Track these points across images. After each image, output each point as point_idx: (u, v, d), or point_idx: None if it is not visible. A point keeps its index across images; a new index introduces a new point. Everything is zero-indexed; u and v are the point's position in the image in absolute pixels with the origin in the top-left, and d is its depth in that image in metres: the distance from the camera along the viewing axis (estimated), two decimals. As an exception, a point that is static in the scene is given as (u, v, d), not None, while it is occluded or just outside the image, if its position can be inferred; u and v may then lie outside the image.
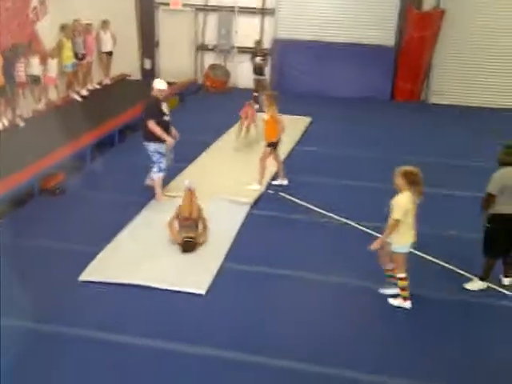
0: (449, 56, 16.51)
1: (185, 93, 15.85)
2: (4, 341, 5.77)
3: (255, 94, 14.55)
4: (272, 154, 9.97)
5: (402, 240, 6.43)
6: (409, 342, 6.19)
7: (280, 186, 9.93)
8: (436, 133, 13.60)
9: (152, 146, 8.92)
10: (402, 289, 6.65)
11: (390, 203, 6.38)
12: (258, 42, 15.65)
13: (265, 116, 9.85)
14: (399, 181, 6.35)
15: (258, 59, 14.75)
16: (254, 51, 15.08)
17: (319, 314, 6.61)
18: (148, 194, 9.23)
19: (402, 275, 6.57)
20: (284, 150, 11.71)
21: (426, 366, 5.82)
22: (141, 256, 7.60)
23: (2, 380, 5.23)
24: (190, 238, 7.69)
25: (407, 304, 6.67)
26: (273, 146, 9.86)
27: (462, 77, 16.53)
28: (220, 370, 5.66)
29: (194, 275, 7.23)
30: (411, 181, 6.30)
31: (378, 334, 6.33)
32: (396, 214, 6.27)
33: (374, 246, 6.56)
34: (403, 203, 6.26)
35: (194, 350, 5.87)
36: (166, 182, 9.45)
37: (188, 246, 7.68)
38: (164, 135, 8.84)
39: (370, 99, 16.38)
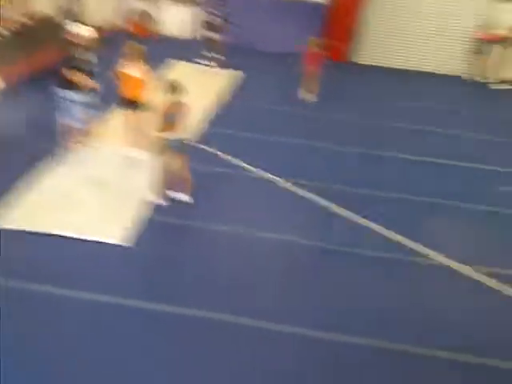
0: (378, 17, 16.58)
1: (108, 38, 15.13)
2: None
3: (209, 53, 14.13)
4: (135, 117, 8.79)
5: None
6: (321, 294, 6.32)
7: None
8: (360, 92, 13.73)
9: (64, 93, 8.48)
10: None
11: None
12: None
13: (131, 71, 8.53)
14: None
15: (213, 17, 14.03)
16: (210, 9, 14.33)
17: (242, 268, 6.65)
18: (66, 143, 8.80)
19: None
20: (213, 103, 11.60)
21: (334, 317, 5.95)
22: (57, 203, 7.40)
23: None
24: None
25: None
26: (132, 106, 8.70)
27: (391, 38, 16.72)
28: (139, 320, 5.63)
29: (113, 225, 7.06)
30: None
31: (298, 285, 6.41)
32: None
33: None
34: None
35: (115, 301, 5.80)
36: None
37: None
38: (87, 82, 8.47)
39: (299, 56, 16.19)
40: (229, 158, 9.20)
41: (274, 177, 8.73)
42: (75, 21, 10.74)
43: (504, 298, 6.51)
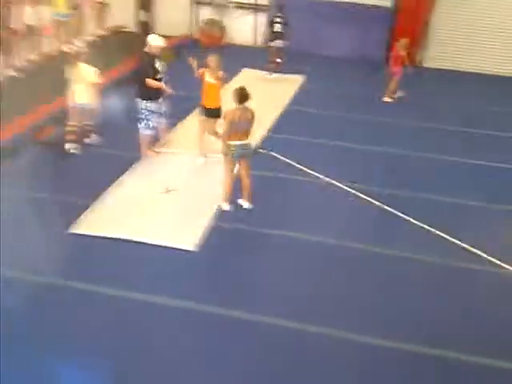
0: (447, 19, 16.35)
1: (180, 47, 15.66)
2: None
3: (278, 60, 14.32)
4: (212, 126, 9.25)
5: None
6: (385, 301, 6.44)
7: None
8: (430, 98, 13.68)
9: (143, 104, 8.97)
10: None
11: None
12: (281, 7, 14.34)
13: (212, 79, 8.99)
14: None
15: (277, 24, 14.04)
16: (273, 17, 14.30)
17: (307, 274, 6.80)
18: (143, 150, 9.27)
19: None
20: (277, 109, 11.84)
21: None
22: (131, 210, 7.75)
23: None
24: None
25: None
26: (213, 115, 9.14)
27: (460, 41, 16.40)
28: (205, 324, 5.86)
29: (184, 231, 7.33)
30: None
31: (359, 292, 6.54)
32: None
33: None
34: None
35: (182, 305, 6.05)
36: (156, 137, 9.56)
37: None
38: (162, 86, 8.93)
39: (364, 61, 16.23)
40: (293, 164, 9.39)
41: (338, 183, 8.86)
42: (152, 32, 11.23)
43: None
